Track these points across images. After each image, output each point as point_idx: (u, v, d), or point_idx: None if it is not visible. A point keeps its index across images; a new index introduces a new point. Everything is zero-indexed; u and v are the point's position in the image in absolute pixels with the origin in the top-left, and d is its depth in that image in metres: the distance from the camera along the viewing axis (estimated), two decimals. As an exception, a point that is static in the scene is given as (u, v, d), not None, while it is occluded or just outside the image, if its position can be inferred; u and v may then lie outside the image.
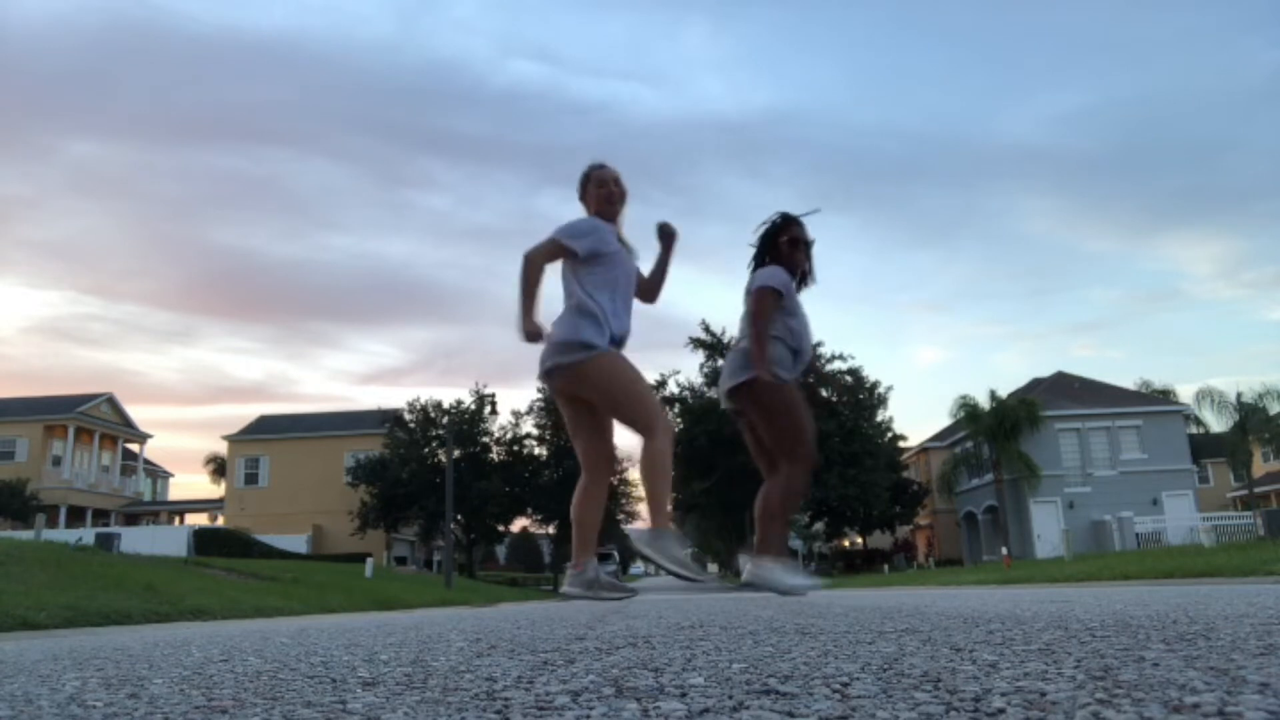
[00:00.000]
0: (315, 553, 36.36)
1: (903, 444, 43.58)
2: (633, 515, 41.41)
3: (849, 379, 39.13)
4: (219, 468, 50.37)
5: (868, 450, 37.20)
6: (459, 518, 37.17)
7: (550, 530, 43.93)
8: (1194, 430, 37.81)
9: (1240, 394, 35.99)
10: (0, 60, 70.56)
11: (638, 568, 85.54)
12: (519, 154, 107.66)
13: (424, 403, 40.45)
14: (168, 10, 77.35)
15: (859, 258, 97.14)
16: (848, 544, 49.34)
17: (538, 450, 41.57)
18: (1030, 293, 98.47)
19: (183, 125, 79.45)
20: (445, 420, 38.35)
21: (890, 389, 41.44)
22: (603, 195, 4.11)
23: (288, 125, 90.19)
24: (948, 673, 1.10)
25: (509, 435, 41.30)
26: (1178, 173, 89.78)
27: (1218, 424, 36.79)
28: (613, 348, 3.89)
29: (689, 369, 48.74)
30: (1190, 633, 1.49)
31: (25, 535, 17.49)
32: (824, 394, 37.67)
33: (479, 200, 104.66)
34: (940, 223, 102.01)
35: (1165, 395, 39.05)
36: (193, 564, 12.83)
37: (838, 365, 39.18)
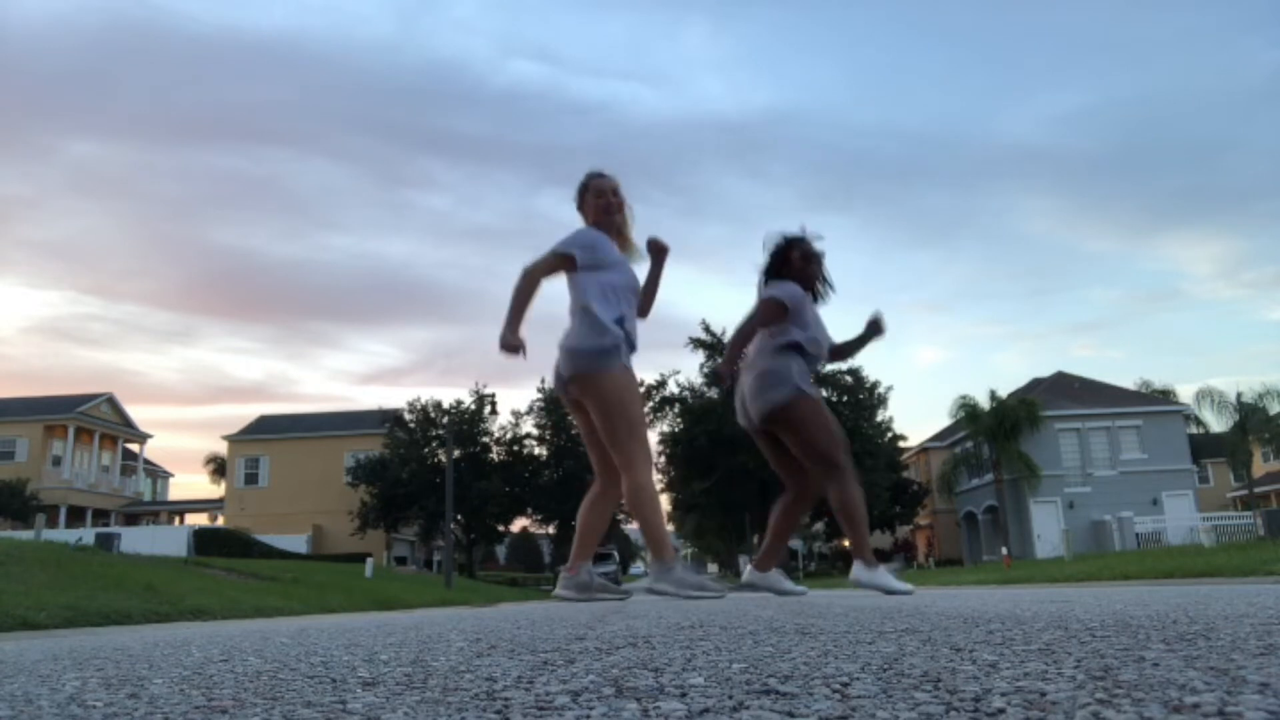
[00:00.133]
0: (315, 553, 36.36)
1: (903, 444, 43.59)
2: (630, 515, 41.29)
3: (849, 379, 39.13)
4: (219, 468, 50.38)
5: (868, 450, 37.20)
6: (459, 518, 37.17)
7: (550, 530, 43.96)
8: (1194, 430, 37.82)
9: (1240, 394, 36.04)
10: (0, 60, 70.56)
11: (638, 568, 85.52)
12: (519, 154, 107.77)
13: (424, 403, 40.51)
14: (168, 10, 77.39)
15: (859, 258, 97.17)
16: (848, 544, 49.30)
17: (538, 450, 41.60)
18: (1030, 293, 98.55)
19: (183, 125, 79.49)
20: (445, 420, 38.35)
21: (890, 389, 41.48)
22: (601, 205, 4.09)
23: (288, 125, 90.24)
24: (948, 673, 1.10)
25: (509, 435, 41.35)
26: (1178, 173, 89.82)
27: (1218, 424, 36.83)
28: (624, 357, 3.89)
29: (689, 369, 48.72)
30: (1190, 633, 1.49)
31: (25, 535, 17.50)
32: (823, 394, 37.69)
33: (479, 200, 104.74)
34: (940, 223, 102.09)
35: (1165, 395, 39.06)
36: (193, 564, 12.82)
37: (838, 365, 39.18)
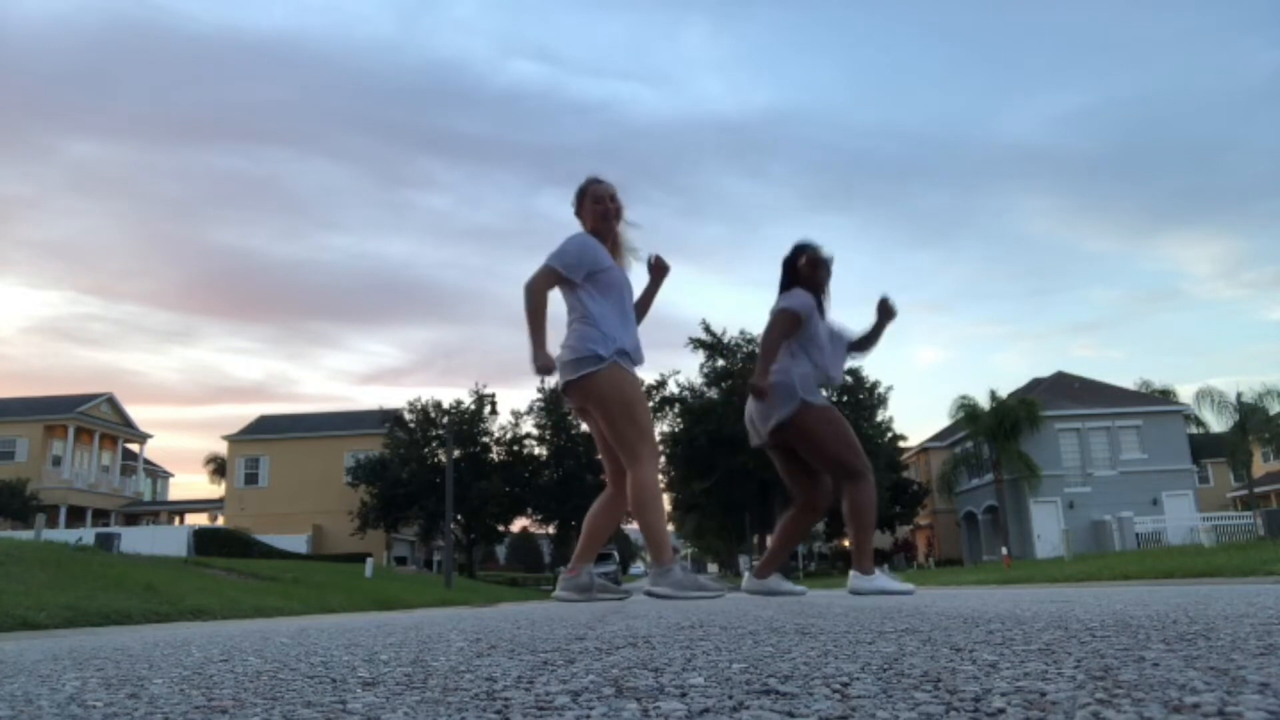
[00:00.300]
0: (315, 553, 36.35)
1: (903, 444, 43.59)
2: (630, 515, 41.27)
3: (849, 379, 39.12)
4: (219, 468, 50.36)
5: (868, 450, 37.01)
6: (459, 518, 37.17)
7: (550, 530, 43.96)
8: (1194, 430, 37.82)
9: (1240, 394, 36.04)
10: (0, 60, 70.56)
11: (638, 568, 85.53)
12: (519, 154, 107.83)
13: (424, 403, 40.51)
14: (168, 10, 77.40)
15: (859, 258, 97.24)
16: (848, 544, 49.33)
17: (538, 450, 41.60)
18: (1030, 293, 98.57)
19: (183, 125, 79.51)
20: (445, 420, 38.35)
21: (890, 389, 41.51)
22: (598, 211, 4.10)
23: (288, 125, 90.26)
24: (948, 673, 1.10)
25: (509, 435, 41.34)
26: (1178, 173, 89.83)
27: (1218, 424, 36.82)
28: (622, 359, 3.89)
29: (689, 369, 48.74)
30: (1190, 633, 1.49)
31: (25, 535, 17.50)
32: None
33: (479, 200, 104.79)
34: (940, 223, 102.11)
35: (1165, 395, 39.06)
36: (193, 564, 12.83)
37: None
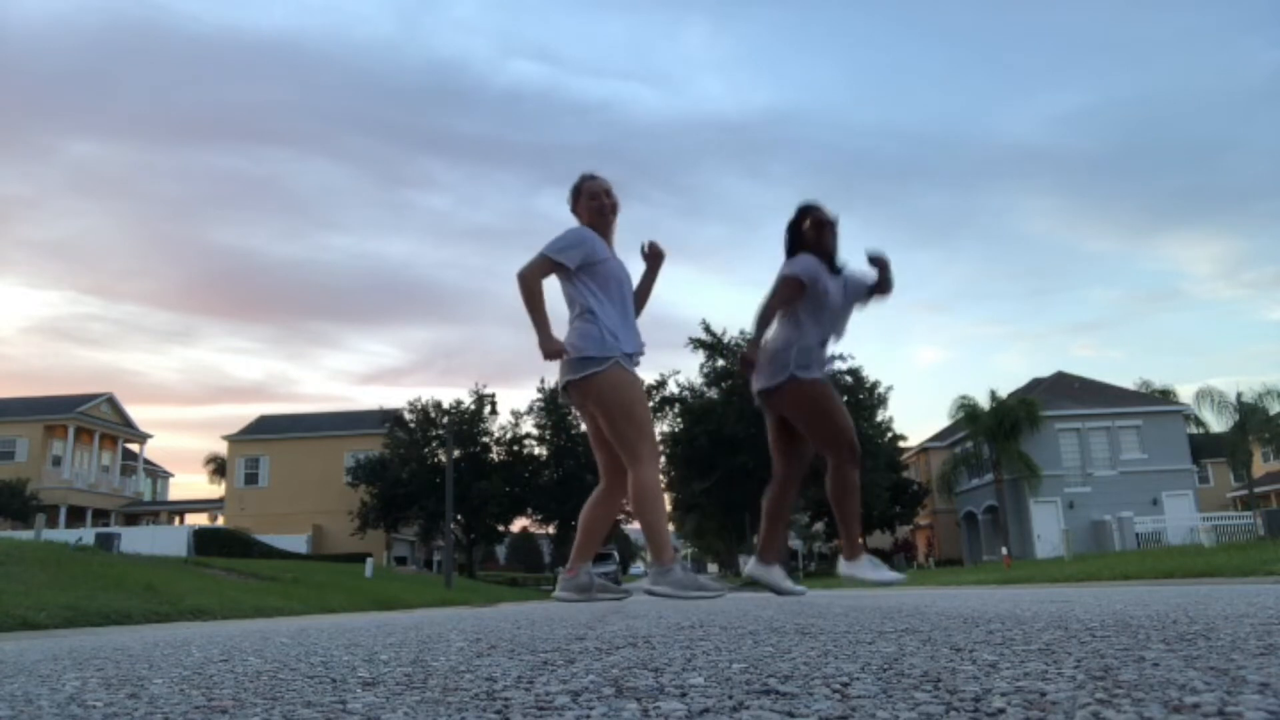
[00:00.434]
0: (315, 553, 36.34)
1: (903, 444, 43.56)
2: (632, 515, 41.31)
3: (849, 379, 39.13)
4: (219, 468, 50.35)
5: (867, 450, 36.97)
6: (459, 518, 37.17)
7: (550, 530, 43.94)
8: (1194, 430, 37.79)
9: (1240, 394, 36.02)
10: (0, 60, 70.56)
11: (638, 568, 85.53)
12: (519, 154, 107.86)
13: (424, 403, 40.49)
14: (168, 10, 77.42)
15: (859, 258, 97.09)
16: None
17: (538, 450, 41.59)
18: (1030, 293, 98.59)
19: (183, 125, 79.52)
20: (445, 420, 38.34)
21: (890, 389, 41.51)
22: (594, 208, 4.09)
23: (288, 125, 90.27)
24: (948, 673, 1.10)
25: (509, 435, 41.33)
26: (1178, 173, 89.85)
27: (1218, 424, 36.80)
28: (624, 359, 3.87)
29: (689, 369, 48.74)
30: (1190, 633, 1.49)
31: (25, 535, 17.50)
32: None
33: (479, 200, 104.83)
34: (940, 223, 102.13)
35: (1165, 395, 39.03)
36: (193, 564, 12.82)
37: (838, 365, 39.18)
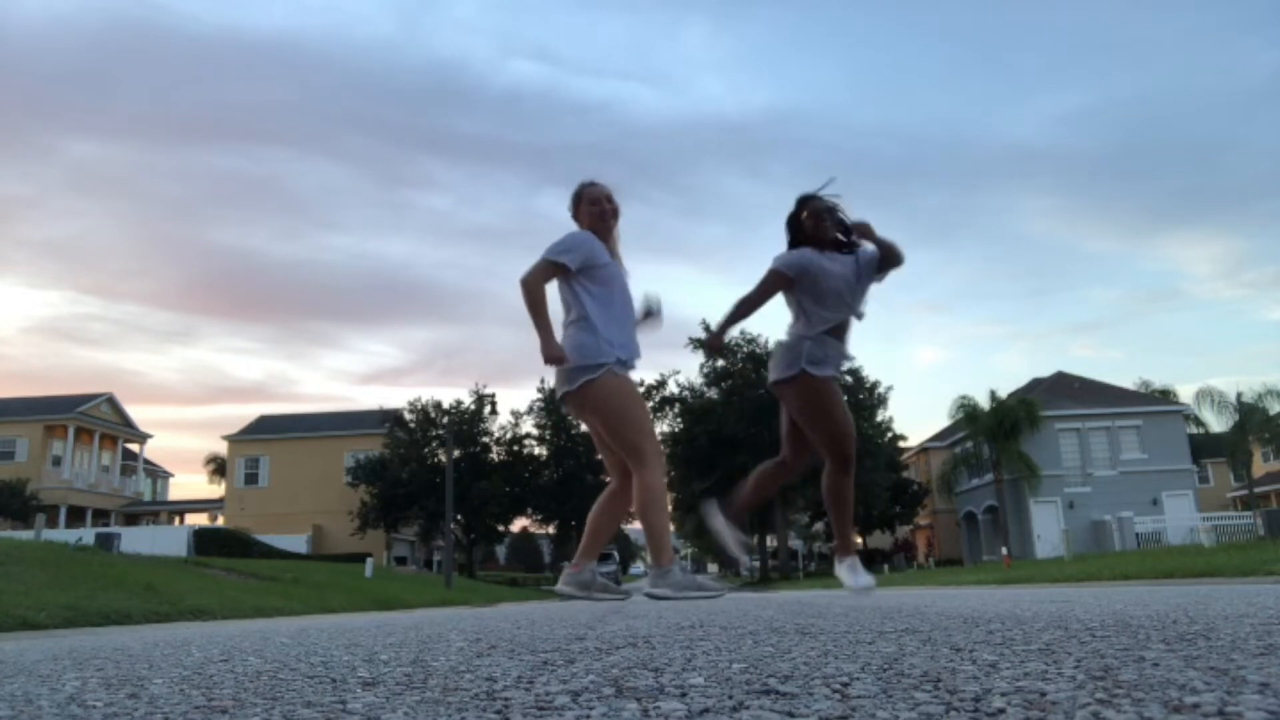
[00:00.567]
0: (315, 553, 36.33)
1: (903, 444, 43.55)
2: (633, 515, 41.30)
3: (849, 379, 39.13)
4: (219, 468, 50.35)
5: (868, 450, 37.17)
6: (459, 518, 37.17)
7: (550, 530, 43.96)
8: (1194, 430, 37.78)
9: (1240, 394, 36.01)
10: (0, 60, 70.57)
11: (638, 568, 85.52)
12: (519, 154, 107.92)
13: (424, 403, 40.50)
14: (168, 10, 77.45)
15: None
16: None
17: (538, 450, 41.60)
18: (1030, 293, 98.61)
19: (183, 125, 79.56)
20: (445, 420, 38.34)
21: (890, 389, 41.48)
22: (595, 213, 4.09)
23: (288, 125, 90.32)
24: (948, 673, 1.10)
25: (509, 435, 41.34)
26: (1178, 173, 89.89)
27: (1218, 424, 36.80)
28: (617, 366, 3.87)
29: (689, 369, 48.70)
30: (1190, 633, 1.49)
31: (25, 535, 17.49)
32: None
33: (479, 200, 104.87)
34: (940, 223, 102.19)
35: (1165, 395, 39.03)
36: (193, 564, 12.82)
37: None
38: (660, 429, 41.48)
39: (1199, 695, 0.85)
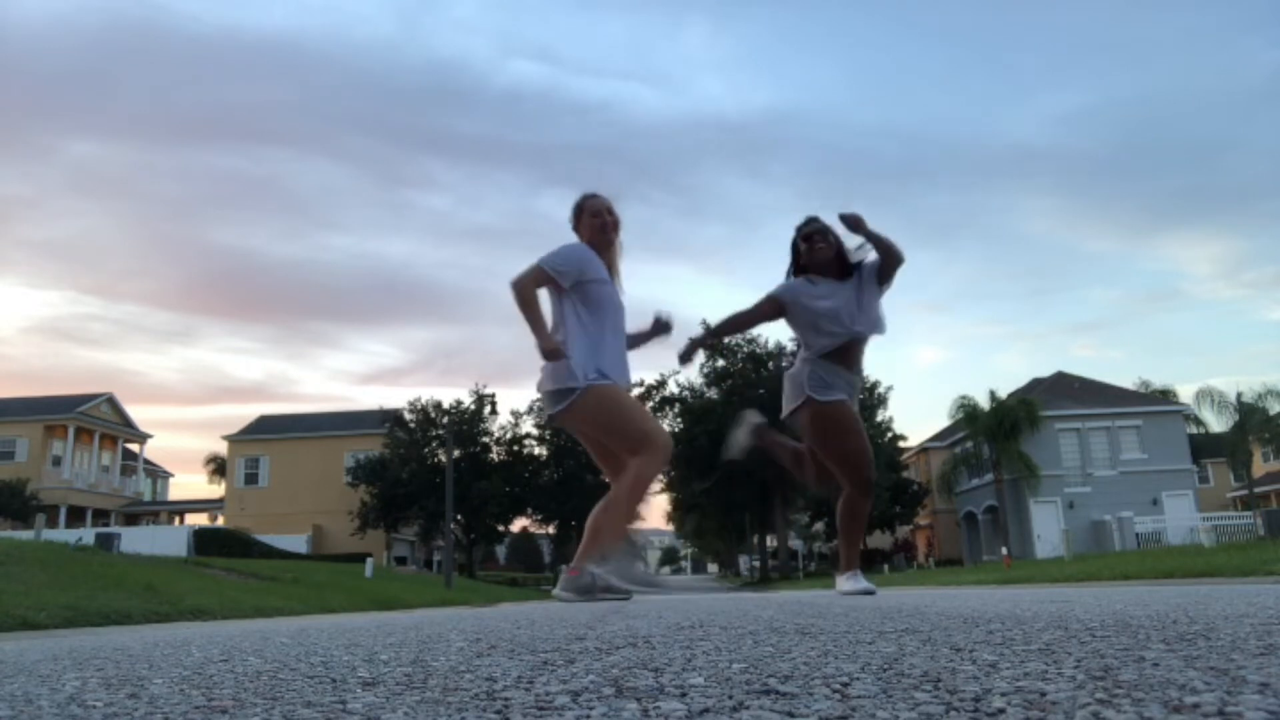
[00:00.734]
0: (315, 553, 36.35)
1: (903, 444, 43.58)
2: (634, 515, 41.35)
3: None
4: (219, 468, 50.36)
5: (868, 450, 37.13)
6: (459, 518, 37.17)
7: (550, 530, 43.96)
8: (1194, 430, 37.80)
9: (1240, 394, 36.05)
10: (0, 60, 70.58)
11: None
12: (519, 154, 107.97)
13: (424, 403, 40.52)
14: (168, 10, 77.47)
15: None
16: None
17: (538, 450, 41.62)
18: (1030, 293, 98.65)
19: (183, 125, 79.59)
20: (445, 420, 38.36)
21: (890, 389, 41.53)
22: (596, 225, 4.06)
23: (288, 125, 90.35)
24: (948, 673, 1.10)
25: (509, 435, 41.37)
26: (1178, 173, 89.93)
27: (1218, 424, 36.83)
28: (598, 379, 3.81)
29: (689, 369, 48.72)
30: (1190, 633, 1.49)
31: (25, 535, 17.49)
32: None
33: (479, 200, 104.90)
34: (940, 223, 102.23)
35: (1165, 395, 39.04)
36: (193, 564, 12.82)
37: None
38: (660, 429, 41.43)
39: (1199, 695, 0.85)
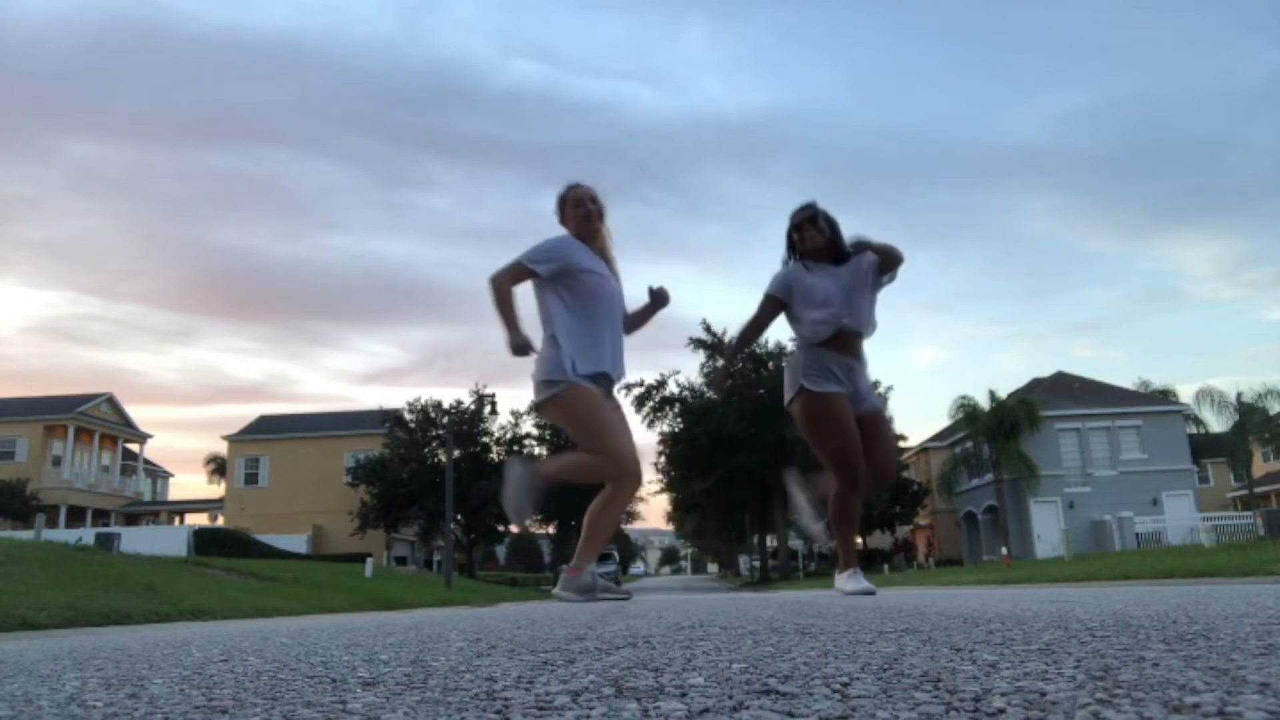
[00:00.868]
0: (315, 553, 36.34)
1: (903, 444, 43.58)
2: (633, 515, 41.43)
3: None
4: (219, 468, 50.36)
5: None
6: (459, 518, 37.16)
7: (550, 530, 43.97)
8: (1194, 430, 37.80)
9: (1240, 394, 36.05)
10: (0, 60, 70.60)
11: (638, 568, 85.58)
12: (519, 154, 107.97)
13: (424, 403, 40.52)
14: (168, 10, 77.51)
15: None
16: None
17: (538, 450, 41.59)
18: (1030, 293, 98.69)
19: (183, 125, 79.64)
20: (445, 420, 38.36)
21: (890, 389, 41.48)
22: (580, 215, 4.05)
23: (288, 125, 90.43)
24: (948, 673, 1.10)
25: (509, 435, 41.35)
26: (1178, 173, 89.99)
27: (1218, 424, 36.83)
28: (583, 380, 3.79)
29: (689, 369, 48.73)
30: (1190, 633, 1.49)
31: (25, 535, 17.49)
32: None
33: (479, 200, 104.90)
34: (940, 223, 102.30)
35: (1165, 395, 39.03)
36: (193, 564, 12.82)
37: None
38: (660, 429, 41.53)
39: (1199, 695, 0.85)
